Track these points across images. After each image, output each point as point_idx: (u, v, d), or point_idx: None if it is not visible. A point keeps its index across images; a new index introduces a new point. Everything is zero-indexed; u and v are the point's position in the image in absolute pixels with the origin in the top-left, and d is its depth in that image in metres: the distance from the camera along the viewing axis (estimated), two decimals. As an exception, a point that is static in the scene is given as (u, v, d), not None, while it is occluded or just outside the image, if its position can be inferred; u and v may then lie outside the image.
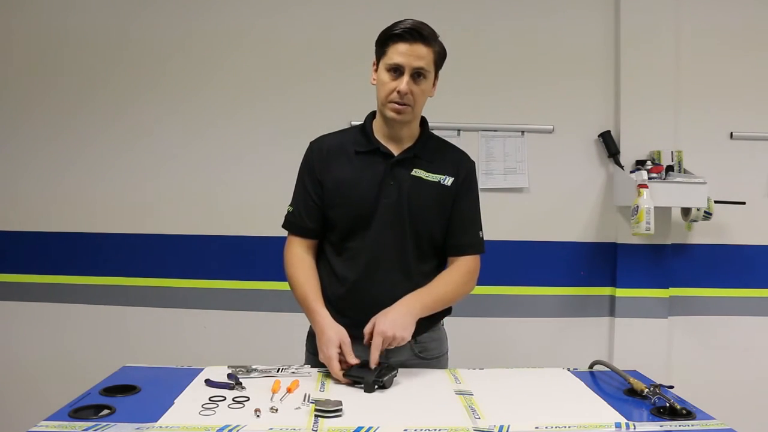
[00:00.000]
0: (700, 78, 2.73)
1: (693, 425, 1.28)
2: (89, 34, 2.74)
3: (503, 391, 1.50)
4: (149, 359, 1.71)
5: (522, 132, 2.74)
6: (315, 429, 1.21)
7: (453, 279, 1.71)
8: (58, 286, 2.76)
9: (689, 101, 2.71)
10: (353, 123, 1.90)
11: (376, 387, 1.45)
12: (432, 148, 1.73)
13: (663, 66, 2.69)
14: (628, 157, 2.66)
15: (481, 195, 1.79)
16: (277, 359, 1.64)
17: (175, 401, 1.35)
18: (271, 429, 1.20)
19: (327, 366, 1.54)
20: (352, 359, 1.53)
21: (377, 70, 1.65)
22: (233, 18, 2.74)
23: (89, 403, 1.31)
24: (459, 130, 2.71)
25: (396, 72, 1.60)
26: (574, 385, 1.56)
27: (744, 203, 2.64)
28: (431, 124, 1.77)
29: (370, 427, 1.21)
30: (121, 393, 1.38)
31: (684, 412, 1.32)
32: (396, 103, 1.61)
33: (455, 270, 1.72)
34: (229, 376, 1.50)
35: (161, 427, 1.21)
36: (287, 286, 1.72)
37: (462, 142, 2.65)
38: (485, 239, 1.77)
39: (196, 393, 1.41)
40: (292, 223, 1.74)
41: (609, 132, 2.69)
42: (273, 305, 2.68)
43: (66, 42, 2.75)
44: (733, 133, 2.73)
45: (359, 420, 1.24)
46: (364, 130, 1.72)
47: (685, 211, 2.62)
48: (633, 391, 1.46)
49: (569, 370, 1.67)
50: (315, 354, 1.61)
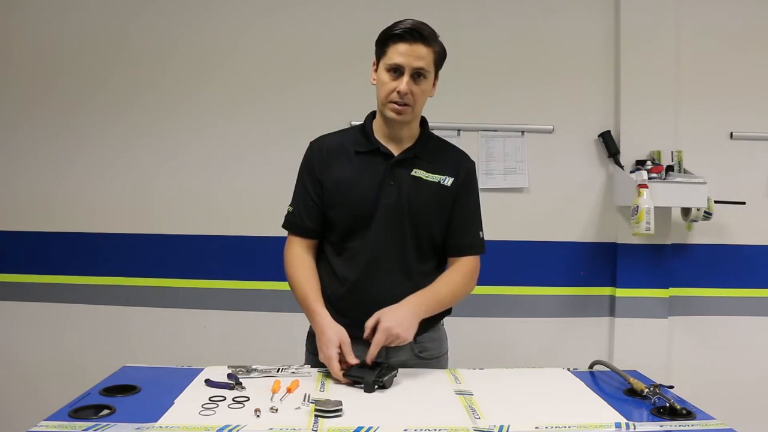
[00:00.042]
0: (700, 78, 2.73)
1: (693, 425, 1.28)
2: (89, 34, 2.74)
3: (503, 391, 1.50)
4: (149, 359, 1.71)
5: (522, 132, 2.74)
6: (315, 429, 1.21)
7: (454, 280, 1.71)
8: (58, 286, 2.76)
9: (689, 101, 2.71)
10: (353, 123, 1.90)
11: (376, 387, 1.45)
12: (432, 148, 1.73)
13: (663, 66, 2.69)
14: (628, 157, 2.66)
15: (481, 195, 1.79)
16: (277, 359, 1.64)
17: (175, 401, 1.35)
18: (271, 429, 1.20)
19: (327, 366, 1.54)
20: (352, 359, 1.52)
21: (377, 70, 1.65)
22: (233, 18, 2.74)
23: (89, 403, 1.31)
24: (459, 130, 2.71)
25: (396, 72, 1.60)
26: (574, 385, 1.56)
27: (744, 203, 2.64)
28: (431, 124, 1.77)
29: (370, 427, 1.21)
30: (121, 393, 1.38)
31: (684, 412, 1.32)
32: (396, 104, 1.61)
33: (456, 271, 1.72)
34: (229, 376, 1.50)
35: (161, 427, 1.21)
36: (287, 286, 1.72)
37: (462, 142, 2.65)
38: (485, 239, 1.77)
39: (196, 393, 1.41)
40: (292, 223, 1.74)
41: (609, 132, 2.69)
42: (273, 305, 2.68)
43: (66, 42, 2.75)
44: (733, 133, 2.73)
45: (359, 420, 1.24)
46: (364, 130, 1.72)
47: (685, 211, 2.62)
48: (633, 391, 1.46)
49: (569, 370, 1.67)
50: (315, 354, 1.61)
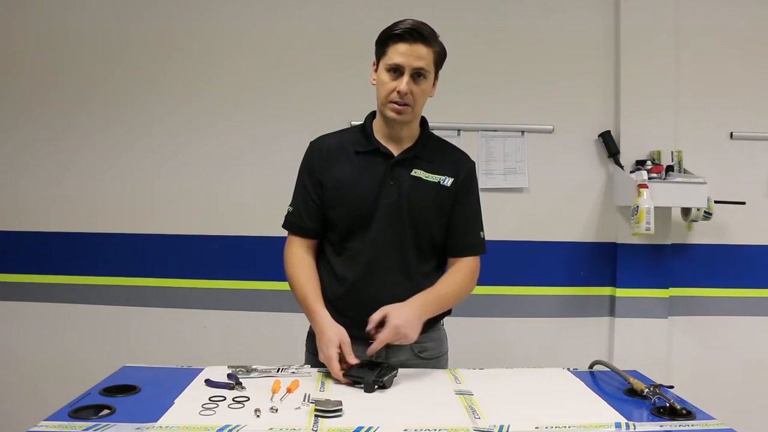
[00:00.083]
0: (700, 78, 2.73)
1: (693, 425, 1.28)
2: (89, 34, 2.74)
3: (503, 391, 1.50)
4: (149, 359, 1.71)
5: (522, 132, 2.74)
6: (315, 429, 1.21)
7: (456, 281, 1.71)
8: (58, 286, 2.76)
9: (689, 101, 2.71)
10: (353, 123, 1.90)
11: (376, 387, 1.44)
12: (432, 148, 1.73)
13: (663, 66, 2.69)
14: (628, 157, 2.66)
15: (481, 195, 1.79)
16: (277, 359, 1.64)
17: (175, 401, 1.35)
18: (271, 429, 1.20)
19: (327, 366, 1.54)
20: (352, 359, 1.52)
21: (377, 70, 1.65)
22: (233, 18, 2.74)
23: (89, 403, 1.31)
24: (459, 130, 2.71)
25: (396, 72, 1.60)
26: (574, 385, 1.56)
27: (744, 203, 2.64)
28: (431, 124, 1.77)
29: (370, 427, 1.21)
30: (121, 393, 1.38)
31: (684, 412, 1.32)
32: (396, 103, 1.61)
33: (458, 272, 1.72)
34: (229, 376, 1.50)
35: (161, 427, 1.21)
36: (287, 286, 1.72)
37: (462, 142, 2.65)
38: (485, 239, 1.77)
39: (196, 393, 1.41)
40: (292, 223, 1.74)
41: (609, 132, 2.68)
42: (273, 305, 2.68)
43: (66, 42, 2.75)
44: (733, 133, 2.73)
45: (359, 420, 1.24)
46: (364, 130, 1.72)
47: (685, 211, 2.62)
48: (633, 391, 1.46)
49: (569, 370, 1.67)
50: (315, 354, 1.61)
